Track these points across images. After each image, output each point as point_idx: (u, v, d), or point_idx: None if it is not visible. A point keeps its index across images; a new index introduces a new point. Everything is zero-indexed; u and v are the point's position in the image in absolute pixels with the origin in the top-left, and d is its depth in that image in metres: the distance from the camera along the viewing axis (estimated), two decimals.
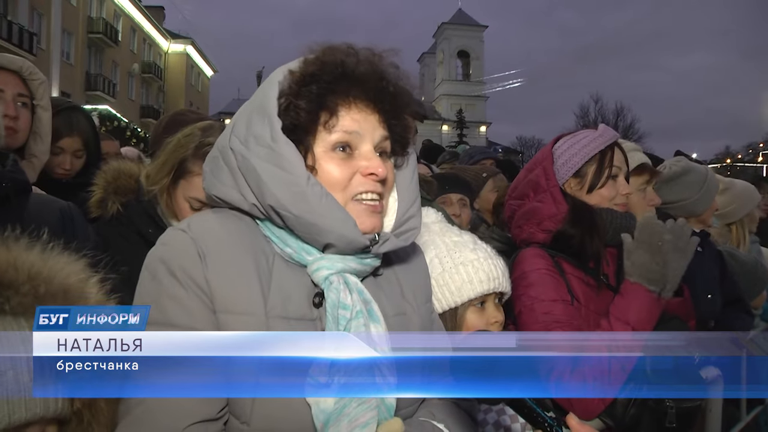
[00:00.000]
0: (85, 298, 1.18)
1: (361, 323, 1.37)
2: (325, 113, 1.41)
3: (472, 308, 2.03)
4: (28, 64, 2.62)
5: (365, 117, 1.44)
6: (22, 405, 1.04)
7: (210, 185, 1.50)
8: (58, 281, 1.15)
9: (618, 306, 2.14)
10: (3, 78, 2.53)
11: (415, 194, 1.58)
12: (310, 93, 1.41)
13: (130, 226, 2.41)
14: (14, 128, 2.53)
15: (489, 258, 2.07)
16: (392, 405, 1.37)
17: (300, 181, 1.35)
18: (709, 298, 3.46)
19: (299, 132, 1.41)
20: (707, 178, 3.70)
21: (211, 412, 1.29)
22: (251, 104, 1.47)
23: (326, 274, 1.40)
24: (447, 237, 2.12)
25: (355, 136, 1.43)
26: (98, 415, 1.18)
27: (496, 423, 1.96)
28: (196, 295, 1.33)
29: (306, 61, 1.46)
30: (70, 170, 3.11)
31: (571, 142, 2.40)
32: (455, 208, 4.04)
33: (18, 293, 1.09)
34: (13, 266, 1.12)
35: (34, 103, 2.63)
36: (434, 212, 2.29)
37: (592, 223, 2.28)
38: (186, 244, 1.37)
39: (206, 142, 2.27)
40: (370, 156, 1.44)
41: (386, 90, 1.47)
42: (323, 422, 1.29)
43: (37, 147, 2.67)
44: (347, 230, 1.38)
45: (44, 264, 1.16)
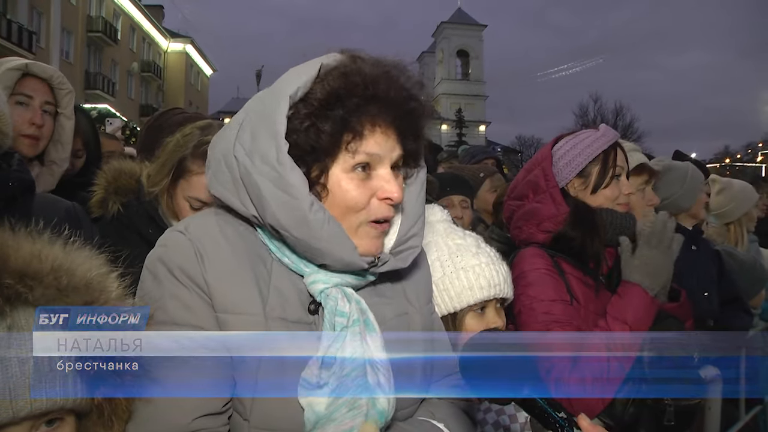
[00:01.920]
0: (107, 292, 1.20)
1: (357, 330, 1.37)
2: (348, 134, 1.36)
3: (472, 313, 2.01)
4: (58, 74, 2.65)
5: (386, 139, 1.40)
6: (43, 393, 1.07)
7: (211, 184, 1.49)
8: (80, 274, 1.18)
9: (616, 306, 2.15)
10: (33, 85, 2.55)
11: (420, 211, 1.55)
12: (336, 117, 1.34)
13: (130, 227, 2.40)
14: (38, 136, 2.56)
15: (491, 264, 2.04)
16: (383, 410, 1.35)
17: (303, 206, 1.32)
18: (705, 296, 3.47)
19: (318, 153, 1.36)
20: (688, 173, 3.73)
21: (217, 406, 1.32)
22: (258, 115, 1.40)
23: (322, 288, 1.39)
24: (450, 239, 2.09)
25: (375, 157, 1.39)
26: (118, 409, 1.21)
27: (495, 423, 1.96)
28: (197, 294, 1.35)
29: (328, 76, 1.37)
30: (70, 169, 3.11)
31: (574, 142, 2.39)
32: (457, 210, 4.04)
33: (41, 284, 1.11)
34: (38, 257, 1.14)
35: (59, 111, 2.67)
36: (440, 210, 2.25)
37: (594, 225, 2.28)
38: (184, 246, 1.37)
39: (205, 141, 2.25)
40: (388, 178, 1.40)
41: (413, 111, 1.44)
42: (313, 424, 1.31)
43: (58, 154, 2.71)
44: (346, 255, 1.37)
45: (67, 257, 1.19)
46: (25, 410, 1.05)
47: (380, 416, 1.34)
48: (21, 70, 2.51)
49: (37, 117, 2.53)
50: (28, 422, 1.08)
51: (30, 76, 2.55)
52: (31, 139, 2.53)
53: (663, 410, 2.08)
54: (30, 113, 2.52)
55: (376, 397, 1.34)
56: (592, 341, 2.11)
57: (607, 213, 2.33)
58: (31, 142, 2.53)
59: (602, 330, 2.12)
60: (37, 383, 1.06)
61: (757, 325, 4.22)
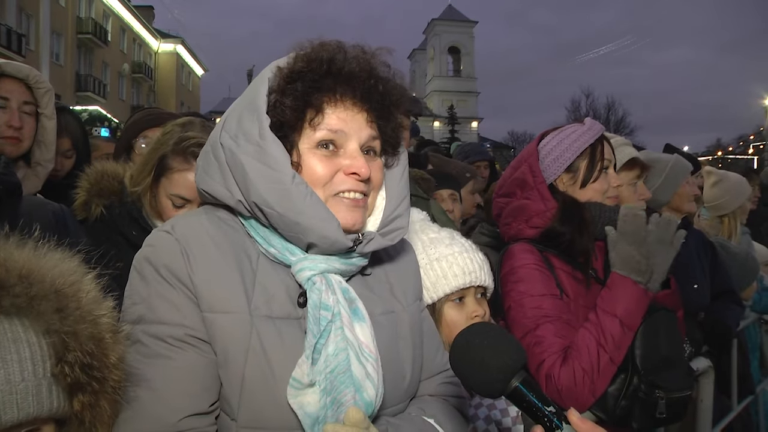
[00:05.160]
0: (78, 298, 1.17)
1: (339, 324, 1.37)
2: (310, 111, 1.41)
3: (450, 303, 2.02)
4: (34, 72, 2.60)
5: (352, 116, 1.44)
6: (14, 405, 1.04)
7: (200, 179, 1.52)
8: (50, 280, 1.15)
9: (605, 299, 2.15)
10: (9, 86, 2.50)
11: (403, 193, 1.57)
12: (296, 91, 1.40)
13: (113, 229, 2.39)
14: (18, 137, 2.52)
15: (465, 252, 2.06)
16: (371, 401, 1.36)
17: (285, 179, 1.35)
18: (695, 288, 3.48)
19: (285, 129, 1.41)
20: (668, 166, 3.68)
21: (203, 406, 1.32)
22: (243, 100, 1.47)
23: (309, 275, 1.40)
24: (424, 234, 2.11)
25: (340, 134, 1.42)
26: (101, 416, 1.18)
27: (486, 417, 1.97)
28: (183, 293, 1.35)
29: (295, 57, 1.45)
30: (59, 171, 3.10)
31: (560, 137, 2.39)
32: (448, 204, 4.05)
33: (9, 294, 1.09)
34: (4, 267, 1.11)
35: (39, 111, 2.62)
36: (417, 211, 2.28)
37: (582, 220, 2.29)
38: (170, 245, 1.38)
39: (185, 137, 2.26)
40: (355, 155, 1.43)
41: (375, 89, 1.46)
42: (309, 427, 1.31)
43: (42, 155, 2.66)
44: (330, 231, 1.38)
45: (36, 263, 1.16)
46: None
47: (367, 407, 1.35)
48: None
49: (15, 119, 2.48)
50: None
51: (5, 76, 2.49)
52: (12, 140, 2.48)
53: (655, 402, 2.09)
54: (7, 115, 2.46)
55: (364, 388, 1.34)
56: (581, 335, 2.12)
57: (596, 207, 2.33)
58: (13, 142, 2.49)
59: (592, 323, 2.12)
60: (8, 396, 1.03)
61: (748, 316, 4.25)
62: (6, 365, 1.04)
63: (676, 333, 2.23)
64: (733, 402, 3.81)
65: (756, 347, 4.52)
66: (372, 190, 1.50)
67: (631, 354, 2.11)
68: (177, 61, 56.24)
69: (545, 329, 2.14)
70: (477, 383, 1.22)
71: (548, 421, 1.15)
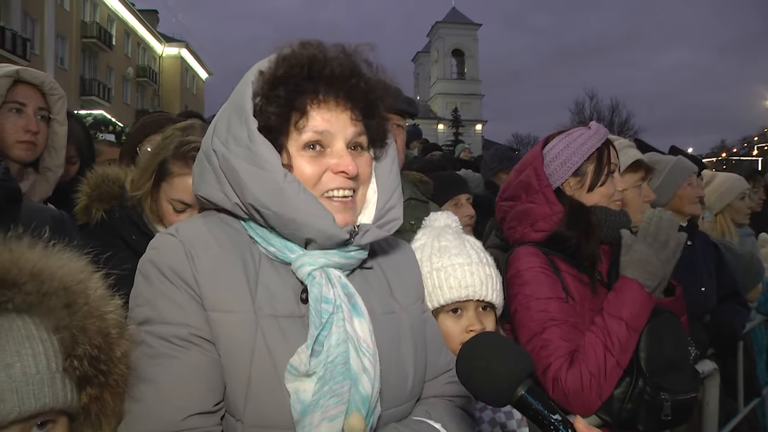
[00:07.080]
0: (86, 294, 1.21)
1: (342, 317, 1.38)
2: (295, 114, 1.44)
3: (445, 314, 1.99)
4: (49, 79, 2.64)
5: (336, 116, 1.46)
6: (31, 395, 1.08)
7: (197, 186, 1.54)
8: (59, 277, 1.19)
9: (612, 302, 2.15)
10: (25, 92, 2.55)
11: (395, 185, 1.60)
12: (279, 97, 1.43)
13: (114, 233, 2.38)
14: (34, 142, 2.56)
15: (468, 264, 2.00)
16: (367, 396, 1.36)
17: (277, 178, 1.37)
18: (701, 291, 3.46)
19: (273, 133, 1.43)
20: (667, 168, 3.66)
21: (208, 405, 1.33)
22: (230, 105, 1.49)
23: (309, 270, 1.42)
24: (437, 241, 2.08)
25: (326, 135, 1.45)
26: (105, 409, 1.22)
27: (491, 420, 1.96)
28: (187, 293, 1.37)
29: (276, 61, 1.47)
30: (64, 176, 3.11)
31: (567, 141, 2.39)
32: (467, 208, 4.05)
33: (21, 291, 1.13)
34: (16, 266, 1.15)
35: (51, 117, 2.66)
36: (446, 217, 2.22)
37: (589, 224, 2.29)
38: (174, 247, 1.41)
39: (185, 141, 2.27)
40: (342, 154, 1.45)
41: (357, 87, 1.48)
42: (300, 413, 1.31)
43: (52, 160, 2.70)
44: (325, 225, 1.40)
45: (46, 262, 1.20)
46: (13, 413, 1.06)
47: (363, 402, 1.35)
48: (12, 77, 2.50)
49: (32, 124, 2.52)
50: (18, 425, 1.08)
51: (22, 82, 2.54)
52: (28, 144, 2.53)
53: (660, 405, 2.09)
54: (24, 120, 2.51)
55: (360, 382, 1.35)
56: (588, 338, 2.11)
57: (601, 211, 2.33)
58: (28, 147, 2.53)
59: (598, 327, 2.12)
60: (24, 386, 1.07)
61: (754, 318, 4.23)
62: (22, 359, 1.09)
63: (681, 335, 2.23)
64: (740, 404, 3.79)
65: (762, 349, 4.49)
66: (361, 185, 1.53)
67: (635, 357, 2.11)
68: (181, 65, 56.41)
69: (552, 332, 2.13)
70: (483, 393, 1.22)
71: (554, 429, 1.14)
